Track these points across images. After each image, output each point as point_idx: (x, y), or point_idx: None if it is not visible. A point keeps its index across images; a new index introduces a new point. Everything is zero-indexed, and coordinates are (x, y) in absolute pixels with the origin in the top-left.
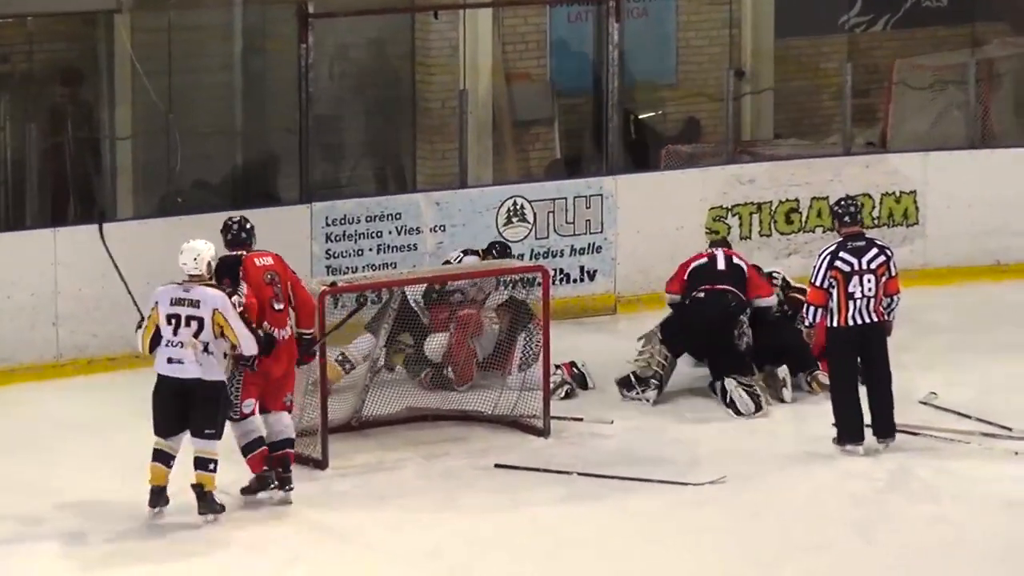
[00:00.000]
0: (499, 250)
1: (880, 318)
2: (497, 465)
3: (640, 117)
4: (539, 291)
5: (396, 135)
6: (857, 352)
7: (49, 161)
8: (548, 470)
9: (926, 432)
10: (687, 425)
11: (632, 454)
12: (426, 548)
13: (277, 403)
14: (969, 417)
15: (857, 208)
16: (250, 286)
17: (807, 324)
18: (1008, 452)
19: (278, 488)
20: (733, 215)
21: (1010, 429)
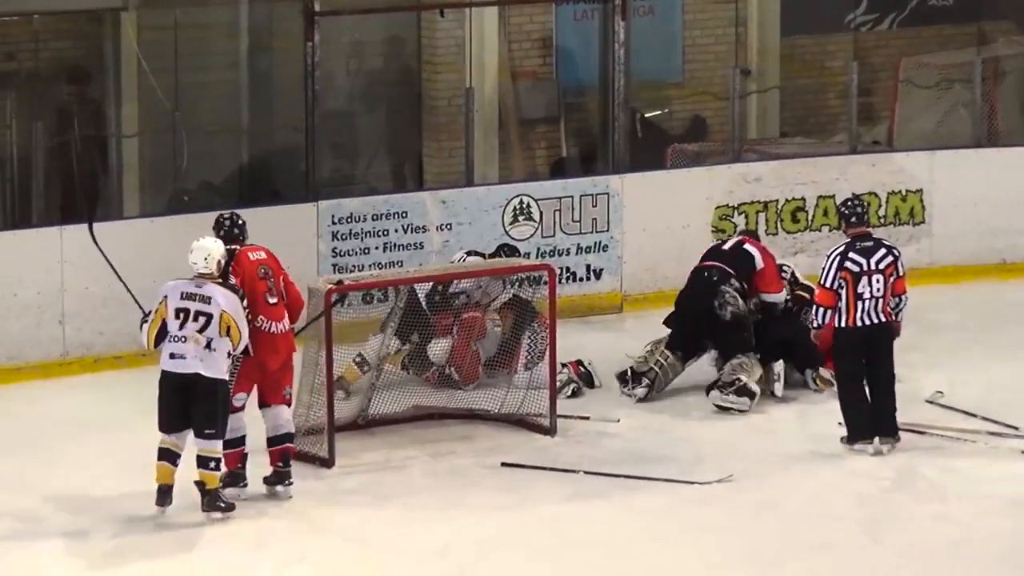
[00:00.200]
0: (507, 253)
1: (888, 318)
2: (504, 464)
3: (646, 116)
4: (545, 290)
5: (402, 133)
6: (864, 352)
7: (55, 159)
8: (554, 469)
9: (932, 431)
10: (693, 424)
11: (638, 453)
12: (433, 546)
13: (276, 397)
14: (975, 416)
15: (864, 208)
16: (244, 280)
17: (816, 325)
18: (1014, 451)
19: (276, 483)
20: (739, 214)
21: (1016, 428)
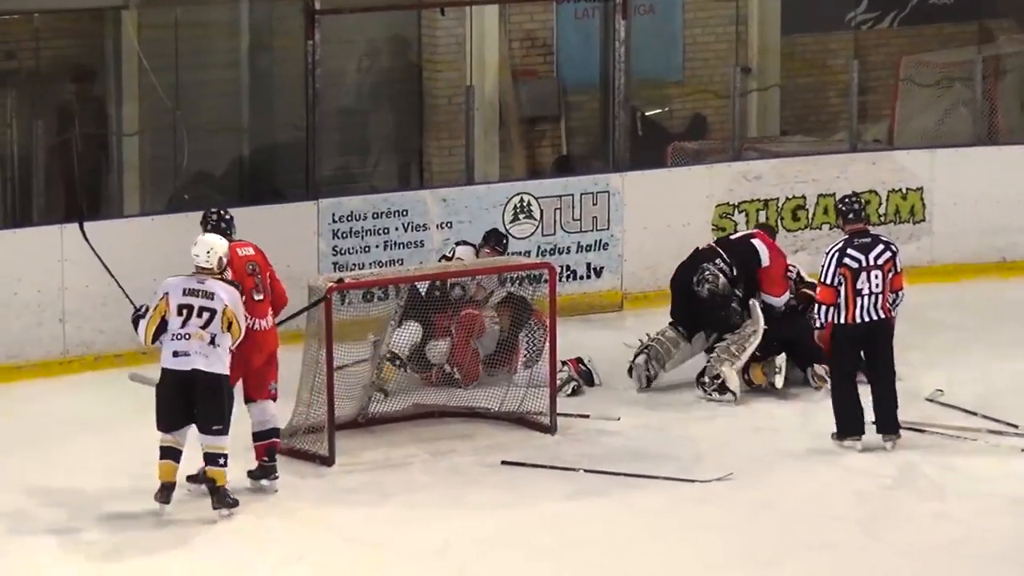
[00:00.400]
0: (495, 239)
1: (887, 315)
2: (504, 462)
3: (647, 114)
4: (546, 288)
5: (403, 132)
6: (861, 348)
7: (56, 158)
8: (555, 467)
9: (932, 429)
10: (693, 422)
11: (638, 451)
12: (432, 545)
13: (262, 392)
14: (975, 414)
15: (862, 205)
16: (232, 276)
17: (819, 325)
18: (1014, 449)
19: (261, 477)
20: (740, 212)
21: (1016, 426)
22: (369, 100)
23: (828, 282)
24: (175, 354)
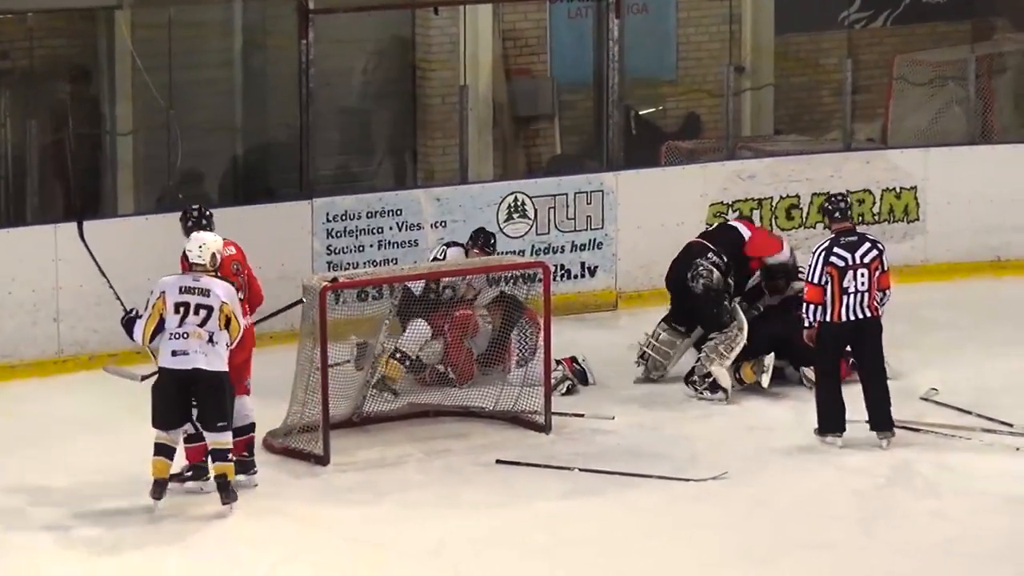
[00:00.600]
0: (483, 239)
1: (874, 313)
2: (498, 461)
3: (640, 113)
4: (540, 287)
5: (397, 131)
6: (847, 346)
7: (50, 157)
8: (549, 466)
9: (927, 428)
10: (688, 421)
11: (633, 449)
12: (428, 544)
13: (239, 388)
14: (970, 413)
15: (848, 204)
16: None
17: (807, 324)
18: (1009, 448)
19: (240, 472)
20: (733, 211)
21: (1011, 425)
22: (363, 100)
23: (815, 281)
24: (174, 353)
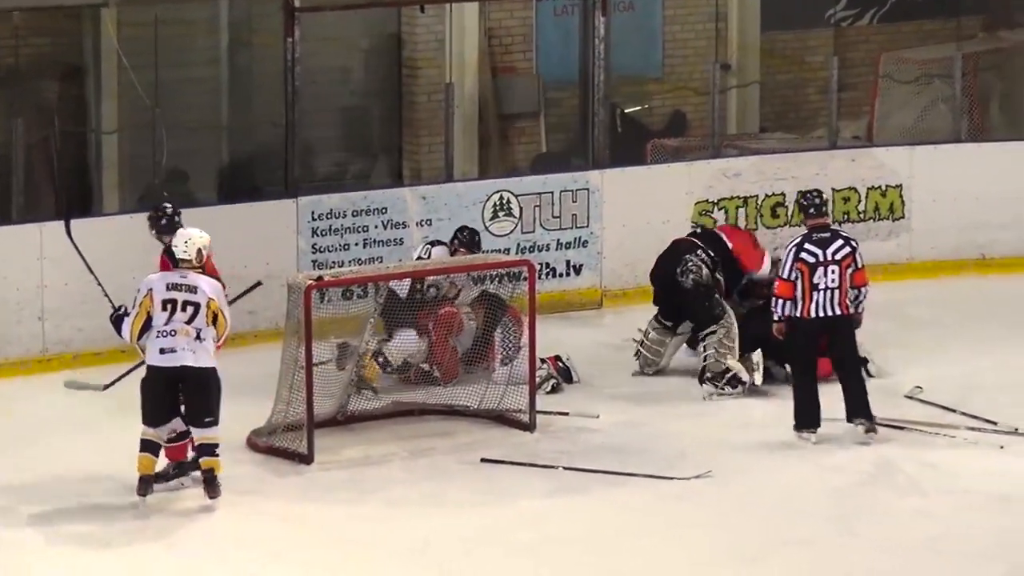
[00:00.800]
0: (467, 236)
1: (845, 311)
2: (483, 459)
3: (626, 111)
4: (525, 285)
5: (382, 129)
6: (820, 343)
7: (36, 156)
8: (534, 464)
9: (911, 426)
10: (673, 419)
11: (618, 448)
12: (413, 543)
13: None
14: (954, 411)
15: (823, 200)
16: None
17: (776, 318)
18: (993, 446)
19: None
20: (719, 209)
21: (995, 423)
22: (349, 98)
23: (784, 276)
24: (162, 351)
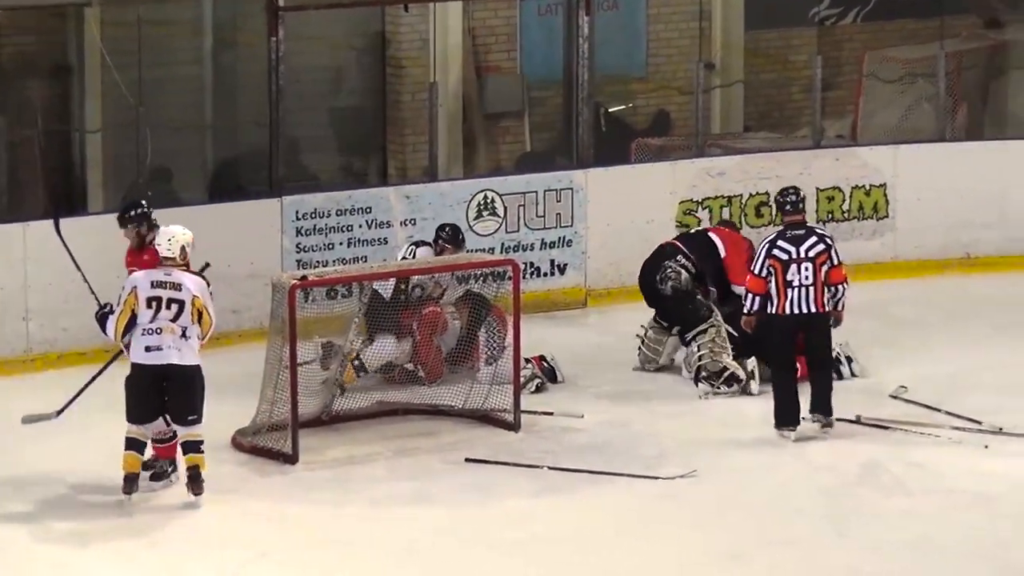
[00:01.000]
0: (449, 233)
1: (820, 309)
2: (468, 459)
3: (610, 110)
4: (509, 285)
5: (366, 129)
6: (795, 339)
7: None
8: (519, 464)
9: (896, 426)
10: (658, 418)
11: (603, 447)
12: (398, 542)
13: None
14: (939, 410)
15: (799, 197)
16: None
17: (746, 312)
18: (978, 446)
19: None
20: (703, 208)
21: (980, 423)
22: (333, 97)
23: (756, 272)
24: (147, 349)
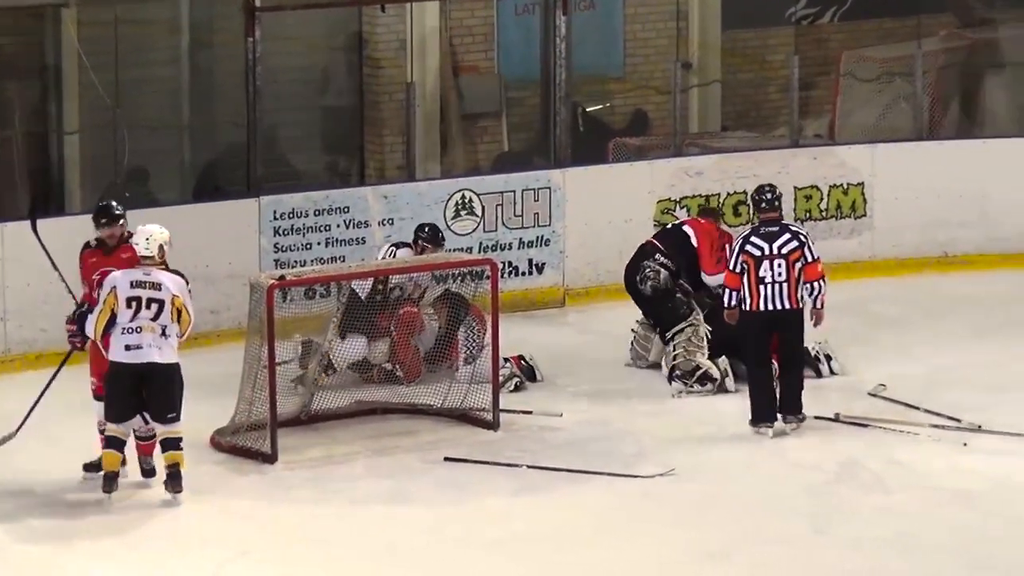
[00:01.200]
0: (428, 232)
1: (794, 305)
2: (447, 458)
3: (588, 110)
4: (487, 284)
5: (344, 129)
6: (770, 335)
7: None
8: (498, 463)
9: (875, 424)
10: (637, 416)
11: (582, 446)
12: (377, 541)
13: None
14: (918, 408)
15: (775, 195)
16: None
17: (725, 306)
18: (957, 443)
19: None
20: (681, 207)
21: (959, 420)
22: (310, 97)
23: (731, 267)
24: (128, 347)
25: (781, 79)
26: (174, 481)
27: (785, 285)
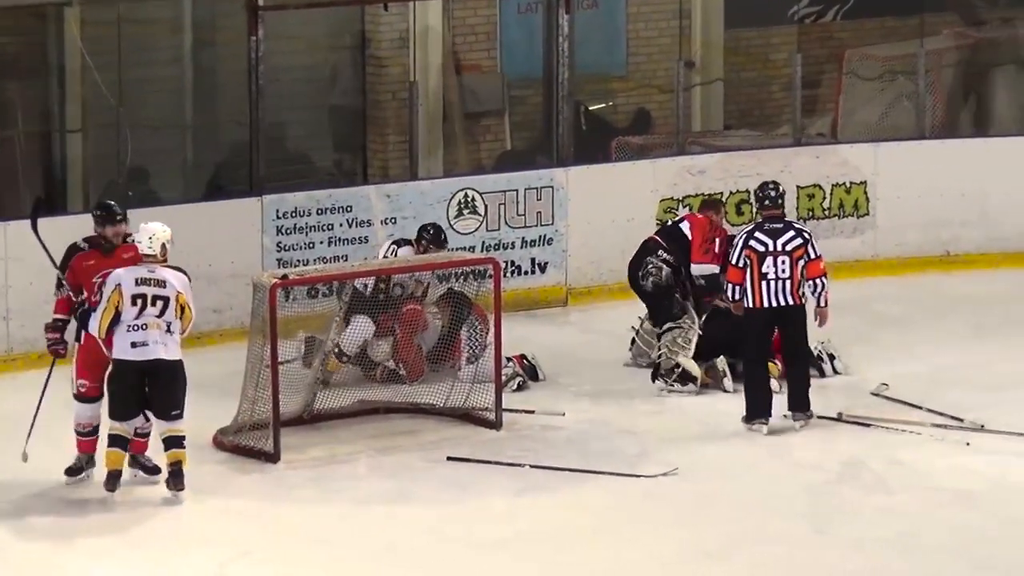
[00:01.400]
0: (432, 233)
1: (797, 302)
2: (449, 458)
3: (591, 108)
4: (490, 283)
5: (347, 127)
6: (771, 332)
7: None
8: (500, 462)
9: (877, 423)
10: (639, 416)
11: (584, 446)
12: (379, 540)
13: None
14: (920, 408)
15: (778, 192)
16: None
17: (732, 299)
18: (959, 443)
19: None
20: (684, 206)
21: (961, 420)
22: (313, 96)
23: (734, 262)
24: (133, 344)
25: (784, 78)
26: (176, 479)
27: (788, 282)
